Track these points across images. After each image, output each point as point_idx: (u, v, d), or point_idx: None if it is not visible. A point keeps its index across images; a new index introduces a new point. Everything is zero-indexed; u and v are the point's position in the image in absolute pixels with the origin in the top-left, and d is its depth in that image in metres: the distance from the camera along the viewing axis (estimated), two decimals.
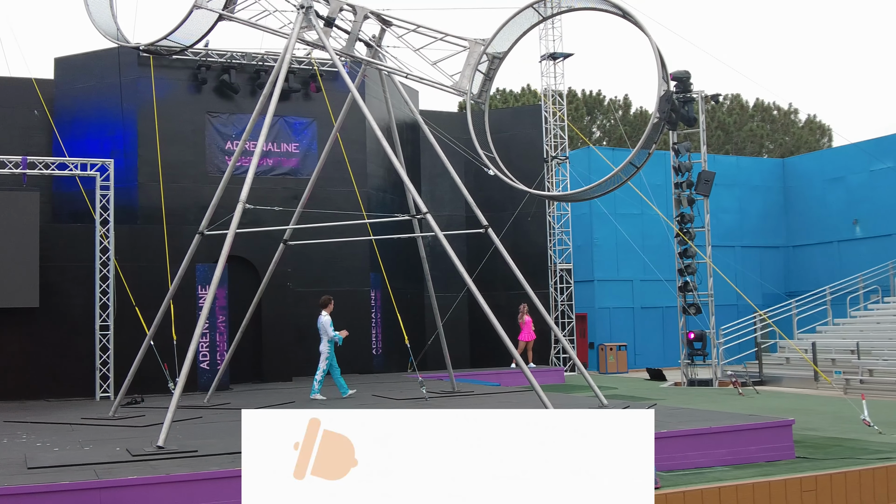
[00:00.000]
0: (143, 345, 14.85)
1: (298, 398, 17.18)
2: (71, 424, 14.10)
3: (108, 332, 18.92)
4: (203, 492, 8.96)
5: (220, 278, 12.49)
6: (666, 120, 13.40)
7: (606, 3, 13.80)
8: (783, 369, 25.16)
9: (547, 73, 27.81)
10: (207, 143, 23.05)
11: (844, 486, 9.77)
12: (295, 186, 22.59)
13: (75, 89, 23.02)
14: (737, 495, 9.26)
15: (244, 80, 23.36)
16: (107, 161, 19.31)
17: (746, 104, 55.57)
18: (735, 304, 30.34)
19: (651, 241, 30.42)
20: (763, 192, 36.03)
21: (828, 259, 33.95)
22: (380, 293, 24.05)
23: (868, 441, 12.82)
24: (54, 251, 18.89)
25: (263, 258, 19.30)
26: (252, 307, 17.12)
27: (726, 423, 12.07)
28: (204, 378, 19.21)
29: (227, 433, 12.39)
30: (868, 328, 26.39)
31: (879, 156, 31.34)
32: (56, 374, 18.76)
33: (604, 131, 53.17)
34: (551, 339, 26.39)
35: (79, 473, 9.21)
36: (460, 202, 25.36)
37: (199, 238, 14.43)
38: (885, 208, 31.84)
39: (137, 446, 10.91)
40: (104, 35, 15.70)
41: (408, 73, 15.37)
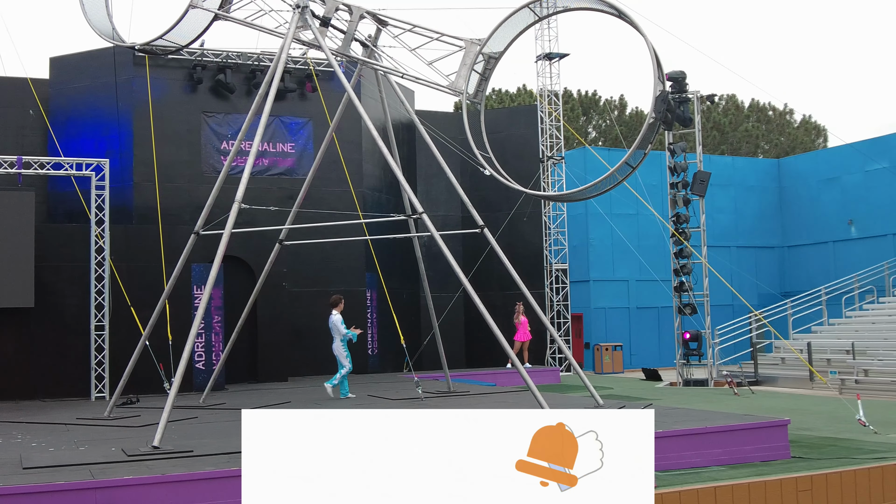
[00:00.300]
0: (138, 345, 14.84)
1: (294, 398, 17.18)
2: (66, 424, 14.07)
3: (103, 332, 18.89)
4: (199, 492, 8.95)
5: (215, 278, 12.48)
6: (662, 120, 13.40)
7: (602, 3, 13.81)
8: (778, 369, 25.18)
9: (543, 74, 27.82)
10: (203, 142, 23.03)
11: (840, 485, 9.78)
12: (290, 186, 22.59)
13: (71, 89, 22.98)
14: (732, 495, 9.26)
15: (240, 80, 23.35)
16: (102, 161, 19.28)
17: (742, 104, 55.64)
18: (731, 305, 30.40)
19: (647, 241, 30.45)
20: (758, 193, 36.07)
21: (823, 259, 34.00)
22: (375, 293, 24.05)
23: (863, 441, 12.84)
24: (49, 251, 18.86)
25: (259, 258, 19.30)
26: (248, 307, 17.12)
27: (722, 423, 12.08)
28: (199, 378, 19.20)
29: (223, 433, 12.39)
30: (863, 328, 26.42)
31: (874, 156, 31.39)
32: (51, 374, 18.73)
33: (599, 131, 53.19)
34: (547, 339, 26.41)
35: (74, 473, 9.20)
36: (456, 202, 25.37)
37: (195, 238, 14.42)
38: (881, 208, 31.90)
39: (133, 446, 10.89)
40: (99, 34, 15.69)
41: (404, 73, 15.37)
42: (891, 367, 21.69)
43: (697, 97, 25.16)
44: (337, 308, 17.18)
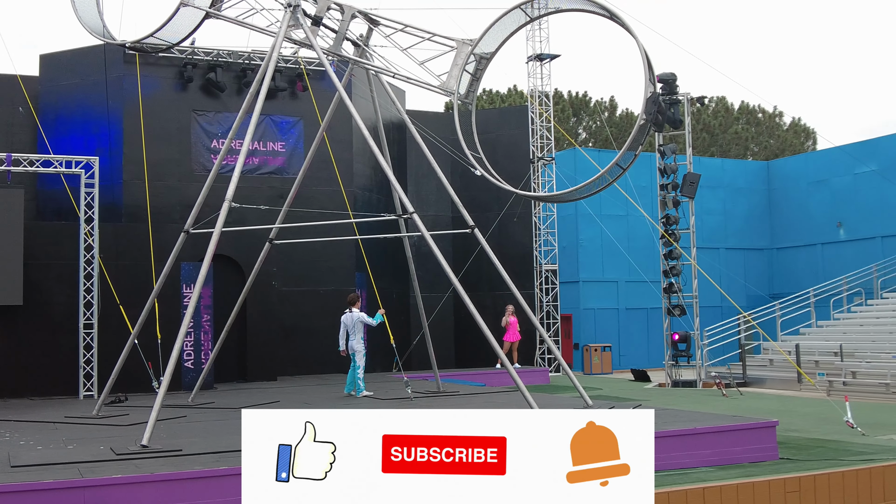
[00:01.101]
0: (127, 343, 14.80)
1: (283, 398, 17.16)
2: (54, 423, 14.03)
3: (92, 330, 18.83)
4: (187, 491, 8.94)
5: (205, 277, 12.46)
6: (652, 121, 13.43)
7: (594, 4, 13.84)
8: (767, 371, 25.28)
9: (533, 74, 27.85)
10: (193, 141, 22.98)
11: (828, 487, 9.82)
12: (281, 185, 22.56)
13: (60, 86, 22.90)
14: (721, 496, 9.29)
15: (230, 79, 23.30)
16: (92, 159, 19.22)
17: (732, 107, 55.80)
18: (719, 306, 30.49)
19: (636, 242, 30.52)
20: (747, 195, 36.19)
21: (811, 261, 34.13)
22: (365, 293, 24.01)
23: (851, 443, 12.90)
24: (38, 249, 18.79)
25: (248, 257, 19.26)
26: (237, 306, 17.09)
27: (710, 424, 12.12)
28: (188, 377, 19.16)
29: (212, 432, 12.38)
30: (851, 330, 26.53)
31: (863, 159, 31.51)
32: (40, 372, 18.64)
33: (590, 133, 53.27)
34: (536, 339, 26.45)
35: (62, 472, 9.17)
36: (446, 202, 25.37)
37: (185, 236, 14.39)
38: (869, 211, 32.04)
39: (121, 445, 10.87)
40: (90, 32, 15.63)
41: (395, 73, 15.37)
42: (878, 370, 21.79)
43: (688, 99, 25.23)
44: (356, 306, 17.26)
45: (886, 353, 22.62)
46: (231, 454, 10.13)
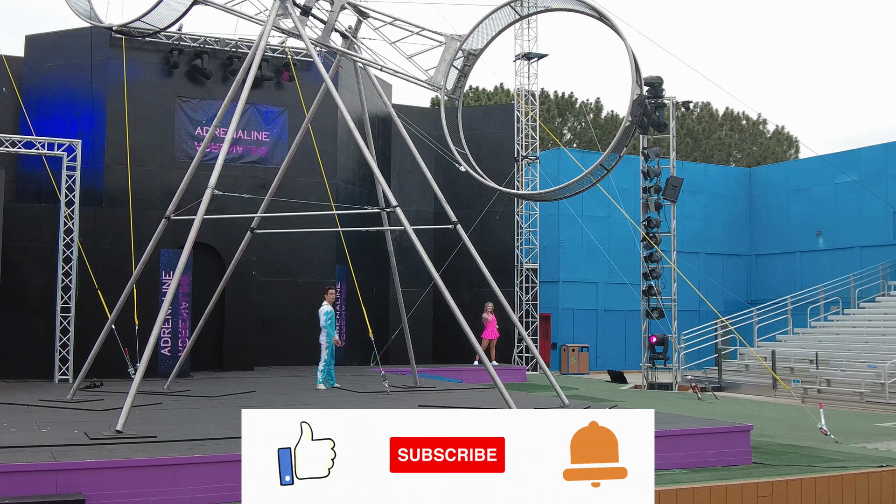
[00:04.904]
0: (104, 329, 14.72)
1: (259, 388, 17.11)
2: (28, 406, 13.93)
3: (69, 314, 18.72)
4: (161, 478, 8.90)
5: (185, 264, 12.41)
6: (638, 123, 13.47)
7: (584, 4, 13.86)
8: (742, 376, 25.43)
9: (520, 73, 27.87)
10: (176, 127, 22.87)
11: (800, 492, 9.87)
12: (263, 175, 22.50)
13: (45, 68, 22.73)
14: (693, 499, 9.32)
15: (216, 66, 23.19)
16: (74, 141, 19.10)
17: (716, 112, 56.07)
18: (697, 310, 30.66)
19: (617, 244, 30.64)
20: (728, 201, 36.39)
21: (790, 269, 34.36)
22: (345, 285, 24.00)
23: (824, 449, 12.98)
24: (17, 231, 18.63)
25: (228, 246, 19.19)
26: (216, 295, 17.02)
27: (685, 427, 12.15)
28: (164, 364, 19.06)
29: (187, 420, 12.33)
30: (827, 339, 26.71)
31: (844, 169, 31.73)
32: (14, 354, 18.52)
33: (574, 133, 53.38)
34: (514, 337, 26.48)
35: (35, 455, 9.11)
36: (429, 197, 25.38)
37: (166, 223, 14.31)
38: (848, 221, 32.27)
39: (96, 430, 10.80)
40: (77, 14, 15.52)
41: (383, 66, 15.35)
42: (853, 378, 21.95)
43: (673, 103, 25.33)
44: (326, 299, 17.29)
45: (861, 363, 22.80)
46: (205, 442, 10.10)
